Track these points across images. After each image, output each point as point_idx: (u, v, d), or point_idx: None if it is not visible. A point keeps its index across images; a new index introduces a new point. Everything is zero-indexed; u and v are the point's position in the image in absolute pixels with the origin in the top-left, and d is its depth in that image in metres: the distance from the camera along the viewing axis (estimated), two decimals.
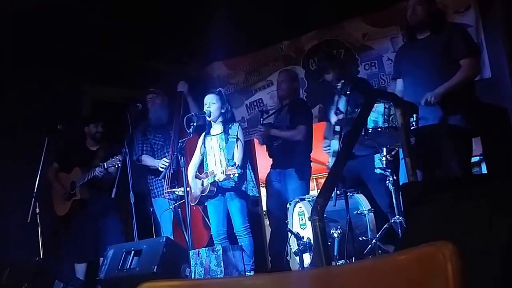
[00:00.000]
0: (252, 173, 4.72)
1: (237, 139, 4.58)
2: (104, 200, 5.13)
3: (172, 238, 4.67)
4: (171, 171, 4.99)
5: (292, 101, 5.14)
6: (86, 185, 5.16)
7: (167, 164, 4.96)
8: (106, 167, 4.91)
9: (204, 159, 4.74)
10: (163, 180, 5.08)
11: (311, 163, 5.16)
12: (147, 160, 5.24)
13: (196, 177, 4.72)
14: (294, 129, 4.95)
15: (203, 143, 4.75)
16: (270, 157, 5.21)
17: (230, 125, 4.70)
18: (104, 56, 6.05)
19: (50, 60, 5.67)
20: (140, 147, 5.28)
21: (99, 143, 5.43)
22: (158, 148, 5.25)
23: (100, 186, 5.16)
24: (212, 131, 4.75)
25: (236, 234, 4.61)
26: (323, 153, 4.61)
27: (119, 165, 4.80)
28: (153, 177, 5.22)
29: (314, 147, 5.11)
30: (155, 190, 5.23)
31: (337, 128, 4.27)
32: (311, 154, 5.14)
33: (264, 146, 5.26)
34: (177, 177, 4.99)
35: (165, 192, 5.06)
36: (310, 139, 5.06)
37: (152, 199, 5.26)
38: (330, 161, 4.39)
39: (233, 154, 4.52)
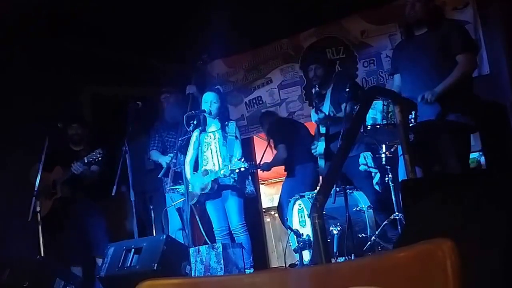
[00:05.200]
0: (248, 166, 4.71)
1: (236, 137, 4.60)
2: (87, 200, 5.14)
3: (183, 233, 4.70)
4: (176, 169, 4.98)
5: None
6: (68, 183, 5.11)
7: (168, 162, 4.97)
8: (86, 161, 4.89)
9: (200, 156, 4.73)
10: (163, 177, 5.08)
11: None
12: (154, 155, 5.29)
13: (194, 176, 4.70)
14: (276, 151, 5.39)
15: (199, 140, 4.73)
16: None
17: (226, 123, 4.70)
18: (103, 55, 6.05)
19: (50, 59, 5.67)
20: (151, 143, 5.34)
21: (78, 144, 5.39)
22: (171, 145, 5.27)
23: (82, 185, 5.13)
24: (209, 129, 4.75)
25: (233, 231, 4.62)
26: None
27: (100, 158, 4.83)
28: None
29: None
30: (165, 187, 5.22)
31: (323, 130, 4.32)
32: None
33: (262, 140, 5.49)
34: (180, 175, 4.98)
35: (168, 189, 5.07)
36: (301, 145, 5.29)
37: (166, 194, 5.25)
38: (318, 162, 4.45)
39: (234, 151, 4.55)
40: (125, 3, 5.29)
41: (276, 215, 7.48)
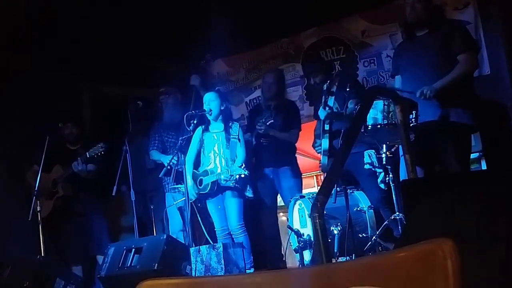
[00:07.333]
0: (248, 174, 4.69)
1: (239, 139, 4.59)
2: (88, 199, 5.15)
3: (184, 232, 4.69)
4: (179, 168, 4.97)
5: (282, 103, 5.12)
6: (69, 182, 5.12)
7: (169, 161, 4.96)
8: (88, 156, 4.92)
9: (202, 156, 4.73)
10: (164, 177, 5.08)
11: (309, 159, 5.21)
12: (154, 155, 5.28)
13: (194, 174, 4.70)
14: (288, 132, 4.97)
15: (201, 139, 4.72)
16: (253, 155, 5.08)
17: (230, 124, 4.69)
18: (103, 55, 6.05)
19: (50, 59, 5.67)
20: (151, 143, 5.34)
21: (74, 143, 5.39)
22: (171, 145, 5.26)
23: (83, 183, 5.14)
24: (212, 129, 4.74)
25: (231, 232, 4.61)
26: None
27: (102, 152, 4.86)
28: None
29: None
30: (167, 186, 5.23)
31: (327, 126, 4.30)
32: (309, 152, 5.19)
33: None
34: (182, 174, 4.98)
35: (170, 188, 5.07)
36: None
37: (166, 193, 5.25)
38: (321, 159, 4.41)
39: (236, 155, 4.54)
40: (126, 3, 5.29)
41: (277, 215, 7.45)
